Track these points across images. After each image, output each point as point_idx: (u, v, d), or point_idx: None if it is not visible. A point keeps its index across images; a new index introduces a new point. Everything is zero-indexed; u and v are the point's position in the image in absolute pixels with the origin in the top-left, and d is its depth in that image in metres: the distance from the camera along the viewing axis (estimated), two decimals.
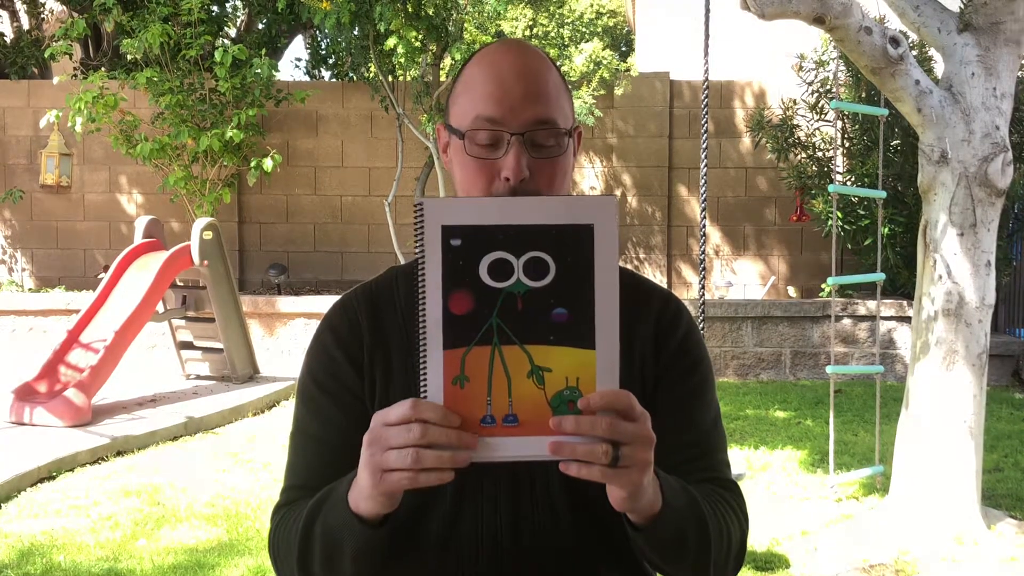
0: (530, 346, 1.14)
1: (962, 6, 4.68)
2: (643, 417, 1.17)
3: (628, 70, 11.01)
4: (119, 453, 6.22)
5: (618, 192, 11.41)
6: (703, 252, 5.99)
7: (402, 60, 9.79)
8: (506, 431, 1.15)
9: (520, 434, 1.15)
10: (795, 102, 10.00)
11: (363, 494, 1.22)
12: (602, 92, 10.72)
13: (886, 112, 5.66)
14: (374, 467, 1.16)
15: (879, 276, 5.63)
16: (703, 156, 5.98)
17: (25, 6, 13.27)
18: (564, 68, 10.48)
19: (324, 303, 9.38)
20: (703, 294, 6.06)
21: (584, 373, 1.15)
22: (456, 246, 1.12)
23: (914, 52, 7.93)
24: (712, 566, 1.39)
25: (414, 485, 1.14)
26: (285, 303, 9.93)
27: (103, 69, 11.11)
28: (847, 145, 9.77)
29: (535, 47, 1.47)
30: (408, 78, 10.65)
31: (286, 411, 7.70)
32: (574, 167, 1.52)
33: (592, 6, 12.72)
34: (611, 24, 11.62)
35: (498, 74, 1.39)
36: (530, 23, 10.46)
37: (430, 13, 9.71)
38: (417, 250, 1.11)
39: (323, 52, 12.97)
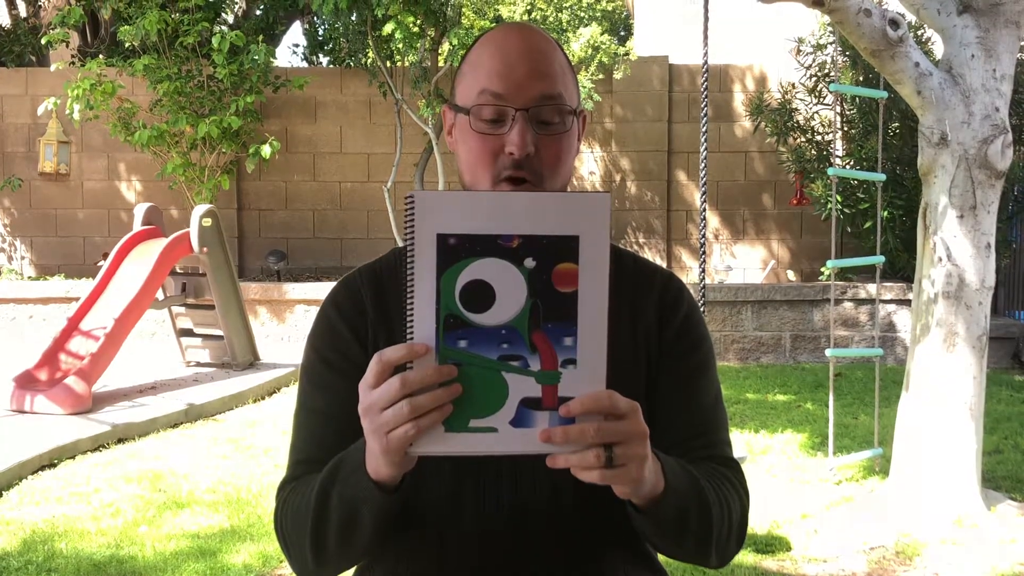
0: None
1: None
2: (632, 412, 1.15)
3: (627, 54, 10.98)
4: (120, 440, 6.23)
5: (617, 177, 11.39)
6: (703, 236, 5.98)
7: (400, 46, 9.76)
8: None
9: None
10: (794, 86, 9.98)
11: (378, 460, 1.21)
12: (600, 76, 10.69)
13: (886, 94, 5.65)
14: (377, 432, 1.16)
15: (879, 259, 5.62)
16: (703, 140, 5.96)
17: None
18: None
19: (324, 289, 9.38)
20: (703, 278, 6.06)
21: None
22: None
23: (911, 34, 7.90)
24: (714, 545, 1.39)
25: (421, 431, 1.13)
26: (285, 290, 9.93)
27: (100, 56, 11.08)
28: (846, 128, 9.76)
29: (541, 29, 1.50)
30: (406, 64, 10.63)
31: (287, 398, 7.70)
32: (578, 151, 1.52)
33: None
34: (610, 8, 11.56)
35: (504, 52, 1.42)
36: (528, 7, 10.42)
37: None
38: (407, 242, 1.10)
39: (321, 38, 12.94)
